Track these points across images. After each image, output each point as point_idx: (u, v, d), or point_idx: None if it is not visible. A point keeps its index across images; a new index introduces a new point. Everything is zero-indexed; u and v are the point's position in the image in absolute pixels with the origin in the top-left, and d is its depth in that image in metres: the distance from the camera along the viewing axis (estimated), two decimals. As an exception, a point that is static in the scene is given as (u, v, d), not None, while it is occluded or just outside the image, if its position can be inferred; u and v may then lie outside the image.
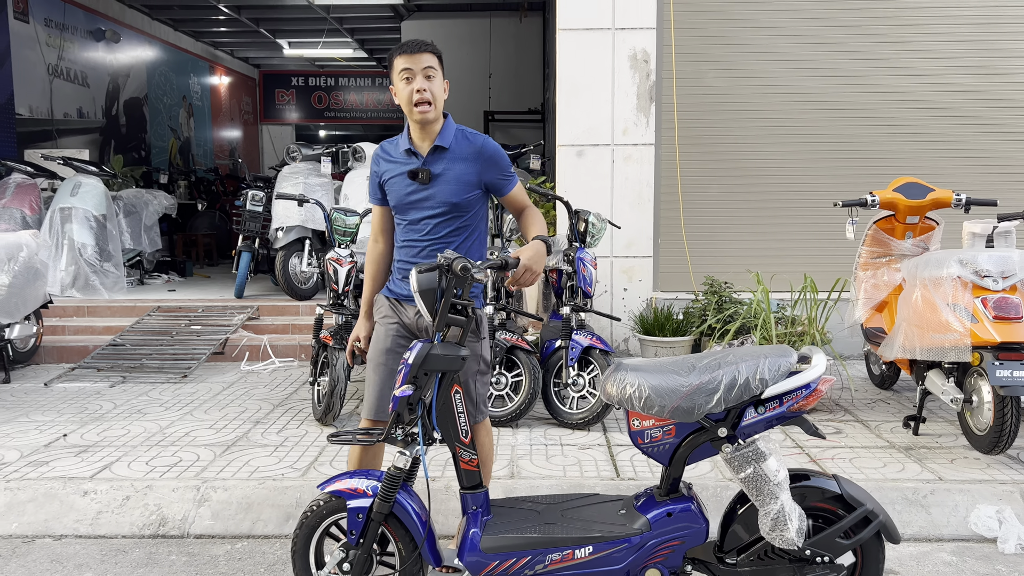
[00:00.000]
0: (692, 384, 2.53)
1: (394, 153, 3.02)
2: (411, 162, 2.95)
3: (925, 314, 4.08)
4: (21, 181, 7.88)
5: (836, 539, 2.59)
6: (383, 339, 3.01)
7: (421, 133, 2.95)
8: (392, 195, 2.99)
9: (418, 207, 2.94)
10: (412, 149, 2.95)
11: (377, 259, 3.13)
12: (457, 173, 2.92)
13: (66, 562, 3.33)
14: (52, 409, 5.08)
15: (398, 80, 2.90)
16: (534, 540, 2.63)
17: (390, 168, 3.00)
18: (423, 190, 2.92)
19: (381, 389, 2.98)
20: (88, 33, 12.24)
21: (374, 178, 3.06)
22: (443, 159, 2.93)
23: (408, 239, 2.99)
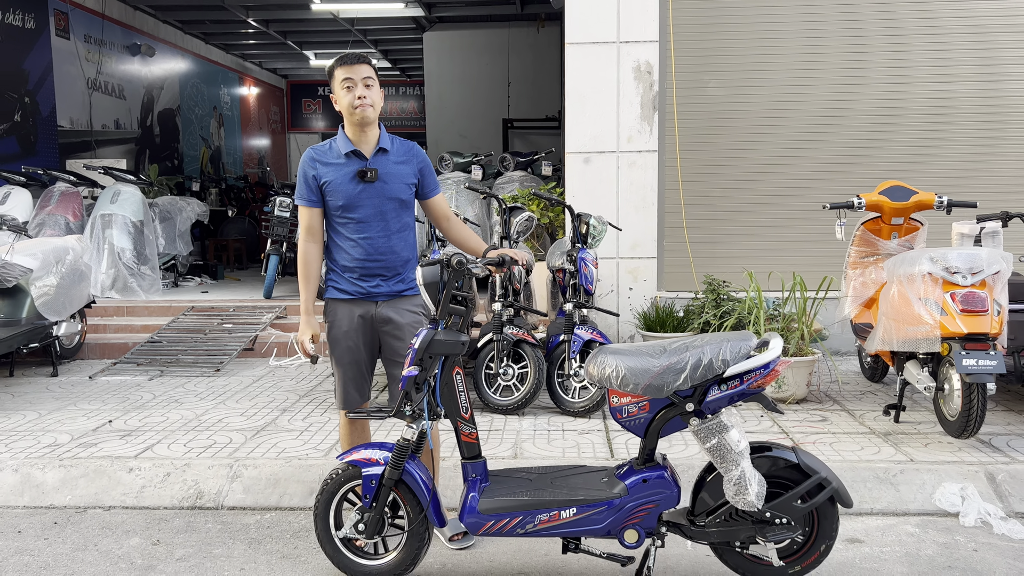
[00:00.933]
0: (662, 365, 2.87)
1: (330, 157, 3.29)
2: (353, 163, 3.26)
3: (901, 308, 4.38)
4: (65, 190, 8.40)
5: (793, 503, 2.92)
6: (344, 340, 3.34)
7: (361, 137, 3.28)
8: (338, 195, 3.25)
9: (369, 204, 3.26)
10: (356, 151, 3.27)
11: (314, 260, 3.35)
12: (400, 172, 3.32)
13: (115, 529, 3.74)
14: (97, 399, 5.53)
15: (339, 89, 3.23)
16: (525, 503, 2.98)
17: (329, 171, 3.27)
18: (372, 187, 3.25)
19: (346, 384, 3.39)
20: (124, 48, 12.84)
21: (309, 181, 3.28)
22: (387, 160, 3.30)
23: (359, 236, 3.27)
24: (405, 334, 3.36)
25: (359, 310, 3.35)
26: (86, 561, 3.40)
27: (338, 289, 3.36)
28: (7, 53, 9.88)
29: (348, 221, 3.28)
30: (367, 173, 3.24)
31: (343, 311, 3.35)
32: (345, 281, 3.34)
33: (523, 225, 5.52)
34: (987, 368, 3.97)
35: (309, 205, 3.32)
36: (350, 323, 3.34)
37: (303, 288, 3.36)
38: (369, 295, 3.33)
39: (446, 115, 14.58)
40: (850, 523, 3.68)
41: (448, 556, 3.39)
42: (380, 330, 3.38)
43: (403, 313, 3.37)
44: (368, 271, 3.32)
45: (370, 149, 3.29)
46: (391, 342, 3.38)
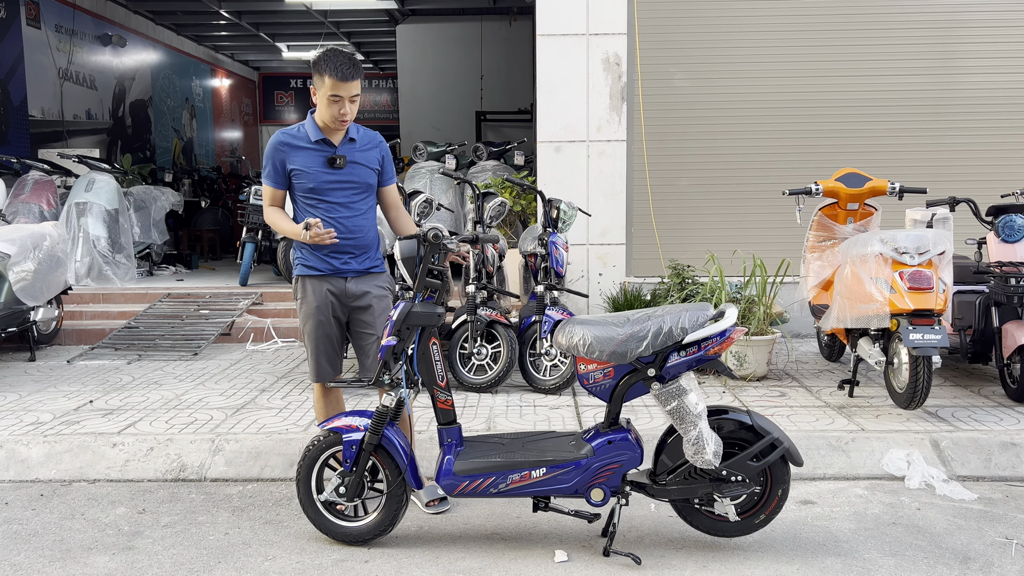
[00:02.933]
0: (626, 333, 3.07)
1: (299, 142, 3.45)
2: (324, 150, 3.44)
3: (853, 287, 4.62)
4: (38, 178, 8.42)
5: (747, 461, 3.13)
6: (316, 314, 3.50)
7: (333, 131, 3.46)
8: (307, 179, 3.42)
9: (339, 188, 3.45)
10: (326, 139, 3.44)
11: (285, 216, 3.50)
12: (367, 158, 3.52)
13: (101, 500, 3.86)
14: (76, 382, 5.61)
15: (325, 98, 3.34)
16: (498, 464, 3.17)
17: (299, 156, 3.43)
18: (340, 173, 3.45)
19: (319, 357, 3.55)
20: (96, 38, 12.79)
21: (277, 166, 3.44)
22: (354, 148, 3.50)
23: (328, 217, 3.43)
24: (373, 309, 3.55)
25: (329, 286, 3.51)
26: (74, 528, 3.52)
27: (307, 266, 3.51)
28: (-23, 42, 9.83)
29: (318, 203, 3.45)
30: (336, 160, 3.43)
31: (314, 287, 3.51)
32: (315, 258, 3.49)
33: (496, 210, 5.69)
34: (932, 342, 4.22)
35: (275, 187, 3.50)
36: (321, 298, 3.50)
37: (284, 224, 3.45)
38: (338, 271, 3.50)
39: (419, 107, 14.69)
40: (804, 487, 3.91)
41: (425, 519, 3.57)
42: (349, 305, 3.55)
43: (371, 288, 3.56)
44: (337, 249, 3.47)
45: (339, 138, 3.48)
46: (359, 316, 3.57)
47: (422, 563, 3.15)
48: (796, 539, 3.35)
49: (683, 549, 3.26)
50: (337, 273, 3.51)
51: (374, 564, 3.15)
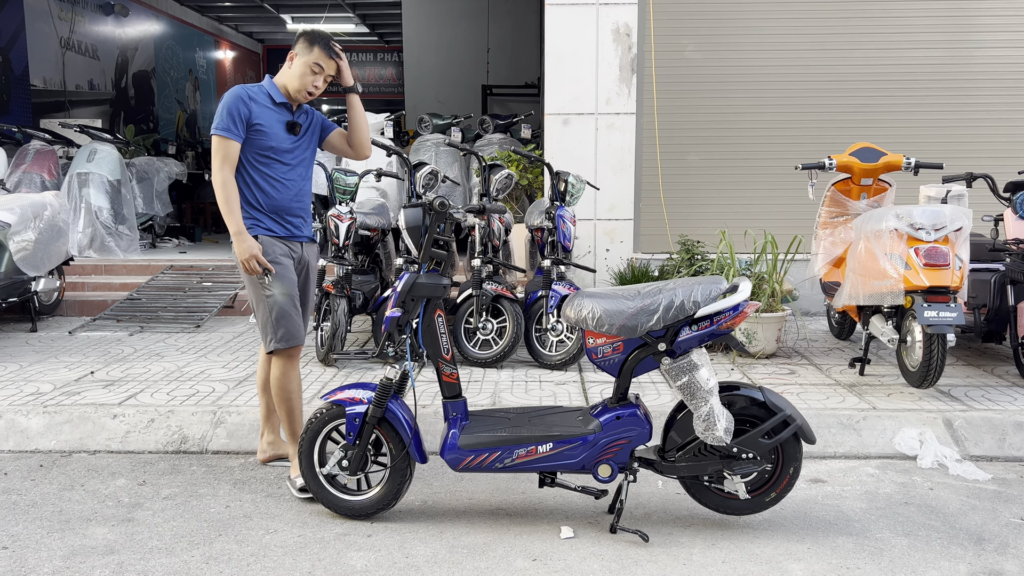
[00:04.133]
0: (636, 306, 2.99)
1: (263, 101, 3.44)
2: (283, 113, 3.46)
3: (867, 264, 4.53)
4: (40, 148, 8.32)
5: (759, 439, 3.06)
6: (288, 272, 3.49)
7: (289, 99, 3.48)
8: (269, 138, 3.41)
9: (295, 152, 3.50)
10: (286, 103, 3.46)
11: (235, 188, 3.40)
12: (315, 125, 3.59)
13: (101, 471, 3.81)
14: (78, 352, 5.56)
15: (305, 66, 3.39)
16: (504, 438, 3.10)
17: (263, 112, 3.41)
18: (296, 139, 3.49)
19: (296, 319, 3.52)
20: (98, 7, 12.62)
21: (239, 116, 3.35)
22: (305, 115, 3.57)
23: (284, 178, 3.47)
24: (311, 277, 3.68)
25: (289, 249, 3.53)
26: (73, 500, 3.47)
27: (267, 229, 3.47)
28: (-22, 9, 9.70)
29: (275, 162, 3.44)
30: (296, 126, 3.49)
31: (278, 247, 3.49)
32: (270, 220, 3.47)
33: (502, 183, 5.60)
34: (947, 320, 4.14)
35: (232, 138, 3.36)
36: (286, 260, 3.50)
37: (229, 214, 3.36)
38: (295, 236, 3.55)
39: (424, 81, 14.52)
40: (814, 465, 3.84)
41: (429, 494, 3.51)
42: (298, 268, 3.60)
43: (312, 257, 3.69)
44: (291, 211, 3.50)
45: (295, 108, 3.54)
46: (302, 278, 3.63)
47: (426, 538, 3.10)
48: (806, 518, 3.29)
49: (691, 527, 3.20)
50: (294, 237, 3.55)
51: (377, 538, 3.10)
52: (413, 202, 3.17)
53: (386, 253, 5.86)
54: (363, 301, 5.38)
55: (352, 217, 5.22)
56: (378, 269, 5.83)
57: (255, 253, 3.36)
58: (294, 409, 3.59)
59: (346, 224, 5.19)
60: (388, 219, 5.92)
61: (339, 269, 5.21)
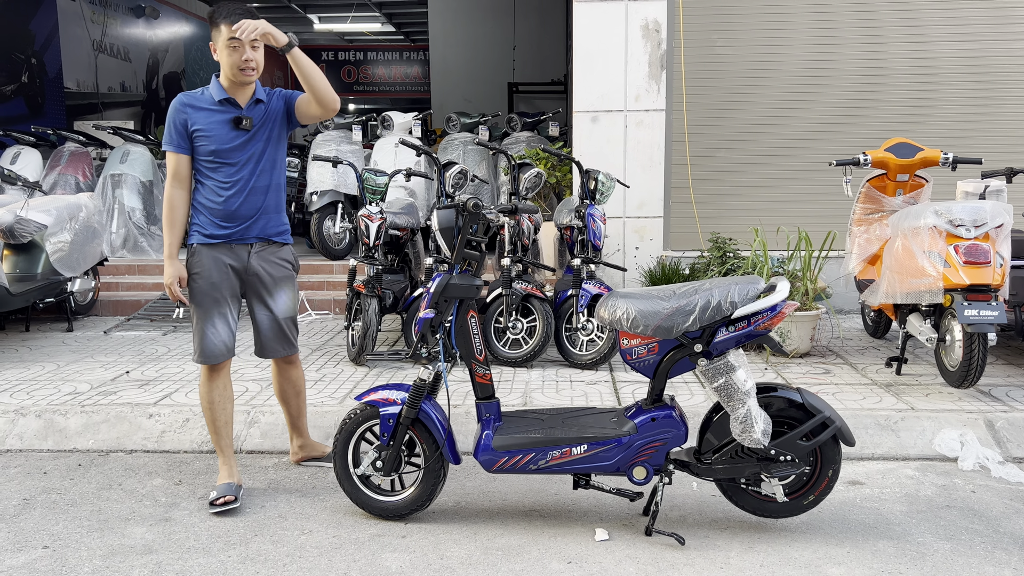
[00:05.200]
0: (672, 307, 2.96)
1: (202, 103, 3.28)
2: (228, 110, 3.28)
3: (904, 261, 4.45)
4: (74, 150, 8.44)
5: (797, 441, 3.02)
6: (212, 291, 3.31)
7: (238, 90, 3.30)
8: (211, 141, 3.26)
9: (244, 150, 3.29)
10: (230, 99, 3.28)
11: (180, 205, 3.33)
12: (274, 116, 3.36)
13: (138, 470, 3.86)
14: (113, 352, 5.64)
15: (224, 47, 3.21)
16: (538, 440, 3.09)
17: (201, 116, 3.26)
18: (247, 135, 3.29)
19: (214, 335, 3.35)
20: (129, 10, 12.79)
21: (179, 127, 3.26)
22: (261, 109, 3.34)
23: (232, 180, 3.28)
24: (274, 282, 3.42)
25: (226, 256, 3.35)
26: (111, 499, 3.52)
27: (205, 234, 3.33)
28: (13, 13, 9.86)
29: (220, 165, 3.29)
30: (243, 121, 3.28)
31: (211, 258, 3.33)
32: (213, 226, 3.32)
33: (532, 181, 5.57)
34: (988, 319, 4.05)
35: (177, 151, 3.29)
36: (219, 271, 3.34)
37: (168, 233, 3.32)
38: (239, 239, 3.35)
39: (451, 79, 14.54)
40: (851, 467, 3.78)
41: (462, 495, 3.51)
42: (248, 280, 3.40)
43: (272, 263, 3.42)
44: (237, 215, 3.32)
45: (246, 100, 3.33)
46: (258, 290, 3.42)
47: (460, 539, 3.09)
48: (845, 521, 3.24)
49: (727, 529, 3.16)
50: (241, 240, 3.35)
51: (411, 539, 3.10)
52: (446, 203, 3.14)
53: (415, 252, 5.87)
54: (393, 300, 5.39)
55: (382, 217, 5.23)
56: (407, 268, 5.85)
57: (170, 283, 3.31)
58: (216, 420, 3.46)
59: (376, 224, 5.20)
60: (417, 218, 5.93)
61: (369, 269, 5.23)
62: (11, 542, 3.11)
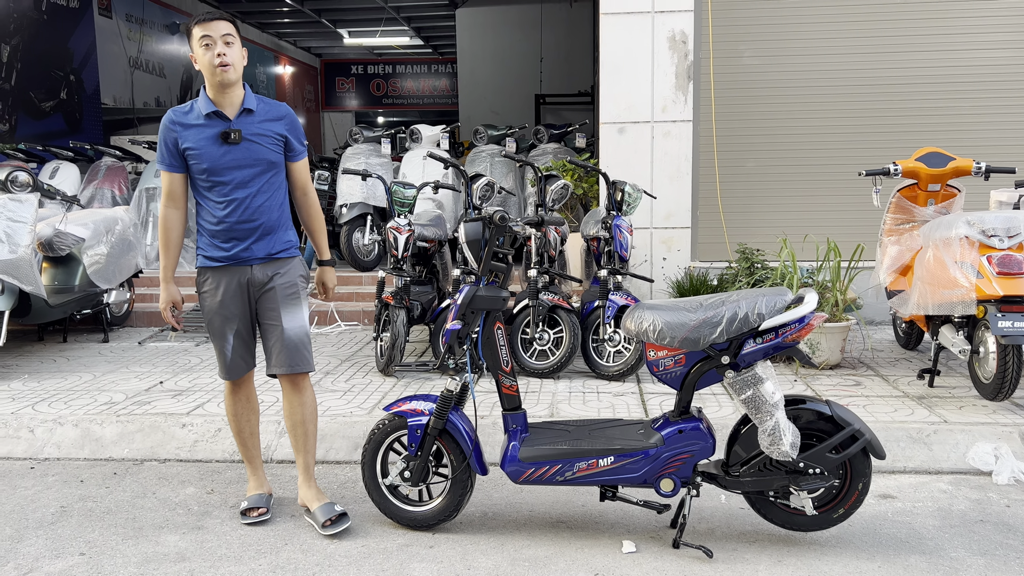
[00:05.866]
0: (699, 319, 2.96)
1: (190, 119, 3.15)
2: (216, 124, 3.13)
3: (936, 272, 4.40)
4: (111, 164, 8.64)
5: (826, 453, 2.99)
6: (221, 309, 3.24)
7: (224, 98, 3.15)
8: (202, 159, 3.12)
9: (238, 166, 3.14)
10: (217, 112, 3.13)
11: (175, 226, 3.24)
12: (267, 130, 3.19)
13: (172, 479, 3.93)
14: (147, 363, 5.74)
15: (198, 48, 3.10)
16: (564, 451, 3.10)
17: (190, 133, 3.12)
18: (236, 149, 3.13)
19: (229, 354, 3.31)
20: (164, 27, 13.06)
21: (169, 146, 3.15)
22: (251, 120, 3.17)
23: (225, 199, 3.15)
24: (278, 295, 3.27)
25: (233, 277, 3.25)
26: (146, 507, 3.58)
27: (208, 257, 3.25)
28: (53, 32, 10.12)
29: (214, 184, 3.16)
30: (231, 134, 3.12)
31: (217, 279, 3.25)
32: (214, 248, 3.22)
33: (559, 193, 5.60)
34: (1023, 330, 3.99)
35: (170, 170, 3.19)
36: (226, 292, 3.25)
37: (163, 255, 3.25)
38: (241, 260, 3.23)
39: (478, 92, 14.64)
40: (883, 480, 3.74)
41: (489, 506, 3.52)
42: (255, 295, 3.30)
43: (278, 276, 3.29)
44: (236, 234, 3.20)
45: (234, 110, 3.17)
46: (265, 304, 3.30)
47: (487, 550, 3.11)
48: (876, 535, 3.20)
49: (756, 542, 3.14)
50: (241, 262, 3.23)
51: (439, 549, 3.12)
52: (473, 216, 3.16)
53: (443, 264, 5.91)
54: (421, 312, 5.43)
55: (410, 229, 5.28)
56: (435, 280, 5.89)
57: (163, 307, 3.28)
58: (241, 431, 3.47)
59: (404, 236, 5.25)
60: (445, 230, 5.98)
61: (397, 280, 5.28)
62: (49, 549, 3.18)
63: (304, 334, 3.35)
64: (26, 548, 3.18)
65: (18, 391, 4.96)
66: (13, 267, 5.28)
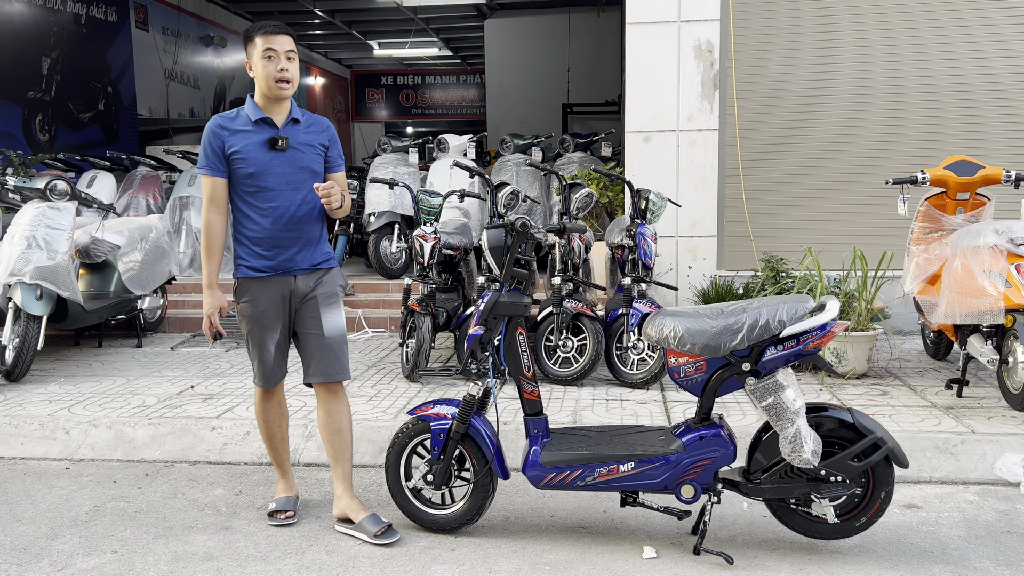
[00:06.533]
0: (719, 325, 2.97)
1: (238, 125, 3.18)
2: (264, 131, 3.17)
3: (964, 281, 4.36)
4: (146, 173, 8.84)
5: (848, 461, 2.99)
6: (262, 319, 3.24)
7: (273, 107, 3.21)
8: (248, 163, 3.14)
9: (280, 173, 3.17)
10: (266, 119, 3.18)
11: (218, 232, 3.22)
12: (311, 140, 3.25)
13: (201, 480, 4.01)
14: (179, 367, 5.86)
15: (259, 58, 3.13)
16: (585, 456, 3.12)
17: (237, 138, 3.15)
18: (283, 156, 3.18)
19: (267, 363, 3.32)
20: (199, 39, 13.34)
21: (216, 150, 3.15)
22: (298, 130, 3.24)
23: (269, 205, 3.16)
24: (319, 305, 3.30)
25: (274, 287, 3.25)
26: (176, 508, 3.67)
27: (250, 267, 3.23)
28: (91, 45, 10.39)
29: (257, 190, 3.17)
30: (278, 141, 3.17)
31: (258, 290, 3.25)
32: (257, 257, 3.22)
33: (582, 201, 5.63)
34: (1052, 340, 3.94)
35: (213, 174, 3.19)
36: (267, 303, 3.25)
37: (206, 261, 3.23)
38: (285, 270, 3.24)
39: (506, 101, 14.73)
40: (908, 490, 3.71)
41: (512, 510, 3.56)
42: (295, 305, 3.31)
43: (319, 286, 3.31)
44: (279, 243, 3.21)
45: (282, 119, 3.23)
46: (305, 314, 3.31)
47: (508, 554, 3.14)
48: (900, 544, 3.18)
49: (777, 550, 3.14)
50: (283, 272, 3.24)
51: (460, 552, 3.16)
52: (495, 223, 3.21)
53: (468, 271, 5.97)
54: (446, 318, 5.49)
55: (436, 237, 5.34)
56: (461, 287, 5.95)
57: (209, 312, 3.24)
58: (272, 436, 3.52)
59: (430, 244, 5.32)
60: (471, 238, 6.03)
61: (423, 287, 5.34)
62: (82, 547, 3.27)
63: (343, 342, 3.37)
64: (60, 545, 3.28)
65: (55, 394, 5.10)
66: (51, 273, 5.43)
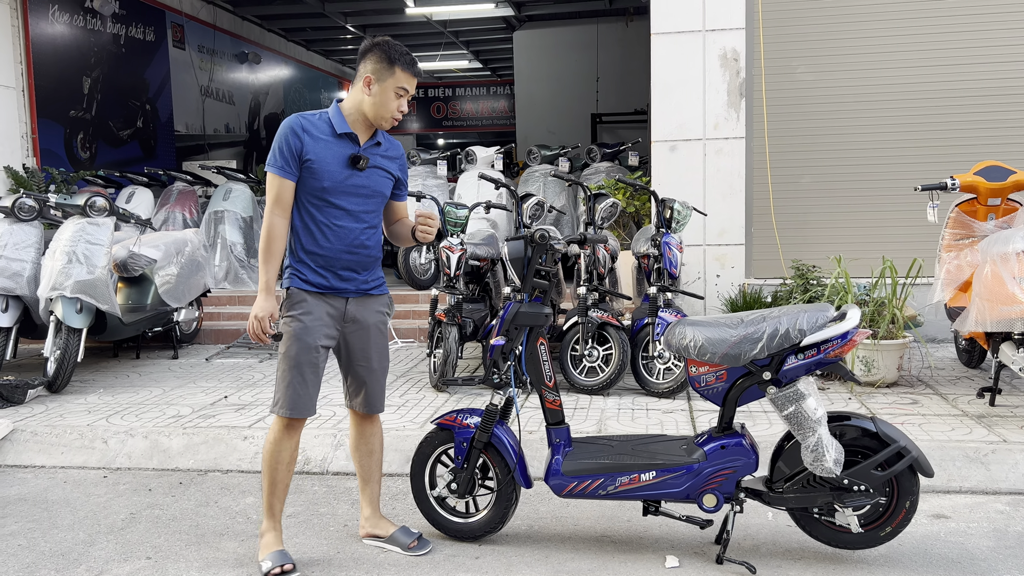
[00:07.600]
0: (739, 335, 2.98)
1: (319, 132, 2.98)
2: (346, 145, 2.99)
3: (994, 288, 4.30)
4: (182, 188, 9.05)
5: (871, 470, 2.97)
6: (306, 336, 2.99)
7: (363, 127, 3.05)
8: (323, 176, 2.96)
9: (355, 193, 3.01)
10: (351, 134, 3.00)
11: (282, 235, 2.98)
12: (388, 166, 3.12)
13: (233, 489, 4.10)
14: (213, 378, 5.99)
15: (390, 90, 2.96)
16: (607, 465, 3.14)
17: (318, 147, 2.95)
18: (360, 177, 3.01)
19: (301, 386, 3.02)
20: (233, 56, 13.63)
21: (292, 151, 2.94)
22: (377, 152, 3.08)
23: (336, 223, 3.00)
24: (371, 335, 3.17)
25: (325, 305, 3.06)
26: (208, 515, 3.76)
27: (304, 280, 3.03)
28: (130, 64, 10.68)
29: (327, 205, 2.99)
30: (360, 160, 3.00)
31: (310, 305, 3.03)
32: (314, 273, 3.03)
33: (607, 211, 5.66)
34: (1086, 347, 3.87)
35: (284, 176, 2.95)
36: (315, 319, 3.03)
37: (264, 265, 2.97)
38: (339, 291, 3.06)
39: (535, 112, 14.81)
40: (936, 500, 3.67)
41: (535, 519, 3.59)
42: (345, 330, 3.13)
43: (371, 314, 3.17)
44: (340, 264, 3.04)
45: (365, 138, 3.07)
46: (355, 343, 3.16)
47: (532, 562, 3.17)
48: (927, 555, 3.15)
49: (801, 560, 3.13)
50: (337, 292, 3.06)
51: (484, 560, 3.19)
52: (516, 234, 3.26)
53: (495, 282, 6.03)
54: (473, 328, 5.54)
55: (463, 248, 5.41)
56: (487, 297, 6.00)
57: (262, 315, 2.98)
58: (278, 481, 3.14)
59: (457, 255, 5.38)
60: (497, 249, 6.09)
61: (450, 298, 5.40)
62: (118, 553, 3.37)
63: (387, 371, 3.32)
64: (97, 551, 3.38)
65: (94, 404, 5.25)
66: (91, 287, 5.59)
